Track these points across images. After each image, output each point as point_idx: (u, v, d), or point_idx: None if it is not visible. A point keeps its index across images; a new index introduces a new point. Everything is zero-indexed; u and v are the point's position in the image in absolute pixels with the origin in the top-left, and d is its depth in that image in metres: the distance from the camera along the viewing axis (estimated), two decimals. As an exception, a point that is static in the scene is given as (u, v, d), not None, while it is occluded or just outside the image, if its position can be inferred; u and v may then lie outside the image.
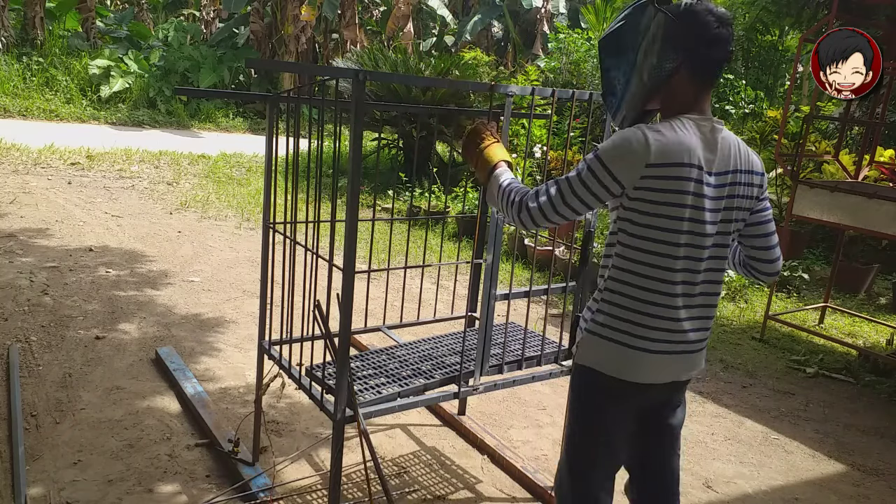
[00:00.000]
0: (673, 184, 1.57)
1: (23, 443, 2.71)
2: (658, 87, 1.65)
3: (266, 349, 2.61)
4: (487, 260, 2.38)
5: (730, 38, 1.64)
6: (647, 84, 1.66)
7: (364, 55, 9.29)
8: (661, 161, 1.56)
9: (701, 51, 1.62)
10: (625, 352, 1.67)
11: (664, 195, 1.58)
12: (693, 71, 1.63)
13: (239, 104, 14.88)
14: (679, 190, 1.57)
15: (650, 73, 1.64)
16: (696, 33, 1.61)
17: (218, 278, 5.11)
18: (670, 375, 1.71)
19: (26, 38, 13.43)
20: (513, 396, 3.61)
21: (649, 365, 1.67)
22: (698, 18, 1.61)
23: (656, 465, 1.87)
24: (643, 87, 1.66)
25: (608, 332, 1.69)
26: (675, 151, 1.57)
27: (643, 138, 1.57)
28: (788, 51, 12.29)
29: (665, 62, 1.62)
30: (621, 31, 1.69)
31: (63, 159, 8.65)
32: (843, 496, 3.07)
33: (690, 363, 1.74)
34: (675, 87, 1.65)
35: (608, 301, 1.70)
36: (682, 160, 1.57)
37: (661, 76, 1.64)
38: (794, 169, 4.88)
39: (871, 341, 5.21)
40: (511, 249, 6.18)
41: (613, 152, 1.60)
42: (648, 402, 1.77)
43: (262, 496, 2.54)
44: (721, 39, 1.62)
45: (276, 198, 2.55)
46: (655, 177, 1.57)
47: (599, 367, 1.71)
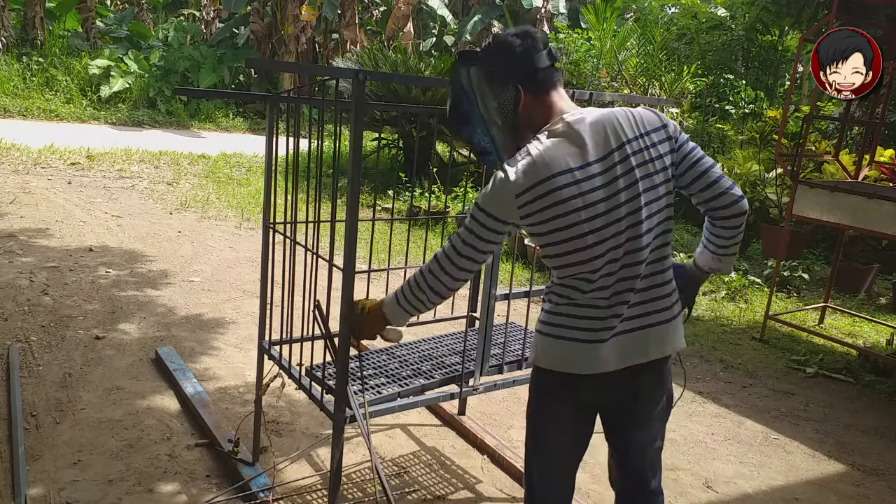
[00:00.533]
0: (546, 199, 1.57)
1: (23, 443, 2.71)
2: (514, 121, 1.69)
3: (266, 349, 2.61)
4: (487, 260, 2.38)
5: (538, 42, 1.67)
6: (503, 126, 1.70)
7: (364, 55, 9.30)
8: (525, 187, 1.58)
9: (522, 70, 1.66)
10: (561, 345, 1.67)
11: (545, 212, 1.59)
12: (532, 90, 1.67)
13: (239, 104, 14.88)
14: (556, 201, 1.57)
15: (500, 116, 1.69)
16: (510, 61, 1.66)
17: (218, 278, 5.11)
18: (608, 364, 1.66)
19: (26, 38, 13.44)
20: (513, 396, 3.61)
21: (578, 354, 1.66)
22: (502, 48, 1.67)
23: (629, 455, 1.86)
24: (504, 131, 1.71)
25: (547, 329, 1.70)
26: (535, 172, 1.58)
27: (504, 176, 1.60)
28: (788, 51, 12.29)
29: (504, 99, 1.67)
30: (456, 105, 1.74)
31: (63, 159, 8.65)
32: (843, 496, 3.07)
33: (642, 345, 1.69)
34: (527, 112, 1.68)
35: (548, 301, 1.73)
36: (542, 176, 1.57)
37: (510, 111, 1.68)
38: (794, 169, 4.88)
39: (871, 341, 5.21)
40: (511, 249, 6.18)
41: (489, 198, 1.63)
42: (603, 392, 1.73)
43: (262, 496, 2.54)
44: (531, 49, 1.66)
45: (276, 198, 2.55)
46: (528, 201, 1.58)
47: (541, 363, 1.73)
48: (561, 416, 1.77)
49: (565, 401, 1.75)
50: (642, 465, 1.85)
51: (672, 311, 1.73)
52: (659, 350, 1.72)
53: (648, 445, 1.83)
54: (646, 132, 1.64)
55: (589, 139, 1.61)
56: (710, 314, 5.51)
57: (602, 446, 1.92)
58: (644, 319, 1.69)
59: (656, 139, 1.65)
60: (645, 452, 1.84)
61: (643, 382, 1.75)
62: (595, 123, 1.63)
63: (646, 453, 1.84)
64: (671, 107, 9.20)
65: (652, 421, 1.81)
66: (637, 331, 1.68)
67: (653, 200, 1.63)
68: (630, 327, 1.68)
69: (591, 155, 1.60)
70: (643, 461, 1.84)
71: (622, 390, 1.73)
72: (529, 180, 1.58)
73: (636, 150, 1.62)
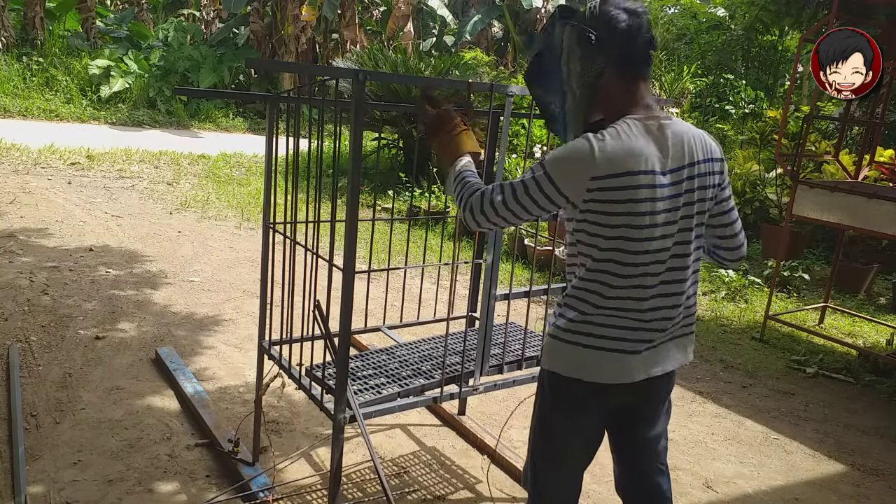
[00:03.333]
0: (623, 194, 1.53)
1: (23, 443, 2.71)
2: (592, 95, 1.63)
3: (266, 349, 2.61)
4: (487, 260, 2.38)
5: (644, 26, 1.60)
6: (580, 96, 1.64)
7: (364, 55, 9.29)
8: (608, 172, 1.52)
9: (619, 47, 1.58)
10: (584, 353, 1.64)
11: (615, 206, 1.54)
12: (619, 69, 1.60)
13: (239, 104, 14.88)
14: (630, 199, 1.53)
15: (579, 85, 1.62)
16: (609, 32, 1.58)
17: (218, 278, 5.11)
18: (637, 374, 1.66)
19: (26, 38, 13.43)
20: (513, 396, 3.61)
21: (609, 365, 1.63)
22: (606, 18, 1.58)
23: (636, 456, 1.85)
24: (578, 101, 1.64)
25: (568, 336, 1.66)
26: (622, 160, 1.52)
27: (588, 150, 1.53)
28: (788, 51, 12.30)
29: (589, 69, 1.60)
30: (540, 60, 1.68)
31: (63, 159, 8.65)
32: (843, 496, 3.07)
33: (662, 359, 1.69)
34: (608, 91, 1.62)
35: (570, 306, 1.67)
36: (630, 168, 1.52)
37: (590, 84, 1.61)
38: (794, 169, 4.88)
39: (871, 341, 5.21)
40: (511, 249, 6.18)
41: (560, 165, 1.57)
42: (617, 402, 1.74)
43: (262, 496, 2.54)
44: (636, 30, 1.58)
45: (276, 198, 2.55)
46: (604, 188, 1.53)
47: (560, 369, 1.69)
48: (579, 422, 1.75)
49: (586, 408, 1.73)
50: (650, 464, 1.85)
51: (692, 327, 1.77)
52: (677, 362, 1.75)
53: (655, 444, 1.84)
54: (711, 158, 1.66)
55: (672, 148, 1.59)
56: (710, 314, 5.51)
57: (602, 447, 1.92)
58: (673, 332, 1.71)
59: (715, 169, 1.67)
60: (652, 451, 1.84)
61: (657, 388, 1.77)
62: (678, 132, 1.61)
63: (653, 452, 1.84)
64: (671, 107, 9.20)
65: (657, 420, 1.82)
66: (666, 343, 1.70)
67: (700, 224, 1.67)
68: (662, 339, 1.69)
69: (669, 164, 1.58)
70: (650, 460, 1.85)
71: (639, 396, 1.75)
72: (613, 168, 1.52)
73: (701, 174, 1.63)
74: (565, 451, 1.79)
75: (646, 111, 1.61)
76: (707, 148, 1.66)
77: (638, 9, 1.60)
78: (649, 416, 1.81)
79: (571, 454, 1.80)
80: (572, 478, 1.84)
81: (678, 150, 1.60)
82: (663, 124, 1.60)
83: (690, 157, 1.61)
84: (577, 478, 1.85)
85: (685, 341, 1.76)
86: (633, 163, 1.53)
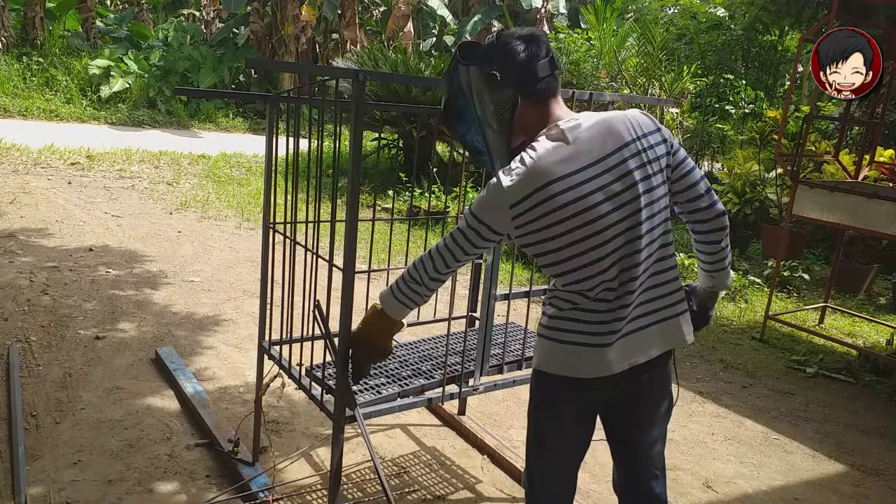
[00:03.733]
0: (542, 207, 1.56)
1: (23, 443, 2.71)
2: (509, 125, 1.67)
3: (266, 349, 2.61)
4: (487, 260, 2.38)
5: (542, 49, 1.63)
6: (498, 130, 1.67)
7: (364, 55, 9.29)
8: (519, 197, 1.57)
9: (524, 78, 1.62)
10: (566, 349, 1.66)
11: (541, 220, 1.58)
12: (530, 96, 1.64)
13: (239, 104, 14.88)
14: (552, 209, 1.56)
15: (496, 120, 1.66)
16: (510, 66, 1.61)
17: (218, 278, 5.11)
18: (614, 366, 1.66)
19: (26, 38, 13.44)
20: (513, 396, 3.61)
21: (585, 358, 1.65)
22: (505, 51, 1.62)
23: (631, 457, 1.85)
24: (498, 133, 1.68)
25: (550, 333, 1.69)
26: (529, 180, 1.56)
27: (498, 186, 1.59)
28: (788, 51, 12.30)
29: (502, 104, 1.64)
30: (453, 100, 1.71)
31: (63, 159, 8.65)
32: (843, 496, 3.07)
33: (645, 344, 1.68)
34: (524, 118, 1.66)
35: (550, 304, 1.71)
36: (538, 185, 1.56)
37: (505, 116, 1.65)
38: (794, 169, 4.88)
39: (871, 341, 5.21)
40: (511, 249, 6.18)
41: (481, 205, 1.64)
42: (605, 393, 1.73)
43: (262, 496, 2.54)
44: (534, 56, 1.62)
45: (276, 198, 2.55)
46: (522, 212, 1.58)
47: (545, 367, 1.72)
48: (564, 419, 1.77)
49: (568, 404, 1.74)
50: (645, 468, 1.84)
51: (675, 309, 1.72)
52: (659, 347, 1.72)
53: (649, 447, 1.82)
54: (643, 134, 1.64)
55: (584, 144, 1.60)
56: (710, 314, 5.50)
57: (602, 447, 1.92)
58: (647, 318, 1.68)
59: (653, 141, 1.64)
60: (646, 454, 1.83)
61: (644, 381, 1.74)
62: (591, 128, 1.62)
63: (647, 455, 1.83)
64: (671, 107, 9.20)
65: (653, 421, 1.81)
66: (640, 331, 1.68)
67: (653, 201, 1.63)
68: (634, 328, 1.67)
69: (588, 159, 1.59)
70: (645, 463, 1.84)
71: (624, 390, 1.73)
72: (524, 190, 1.57)
73: (634, 153, 1.61)
74: (554, 449, 1.81)
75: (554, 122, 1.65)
76: (633, 126, 1.63)
77: (535, 34, 1.64)
78: (644, 418, 1.80)
79: (561, 452, 1.81)
80: (565, 475, 1.84)
81: (595, 143, 1.60)
82: (564, 129, 1.62)
83: (614, 144, 1.60)
84: (570, 475, 1.85)
85: (674, 323, 1.72)
86: (538, 179, 1.56)
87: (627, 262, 1.62)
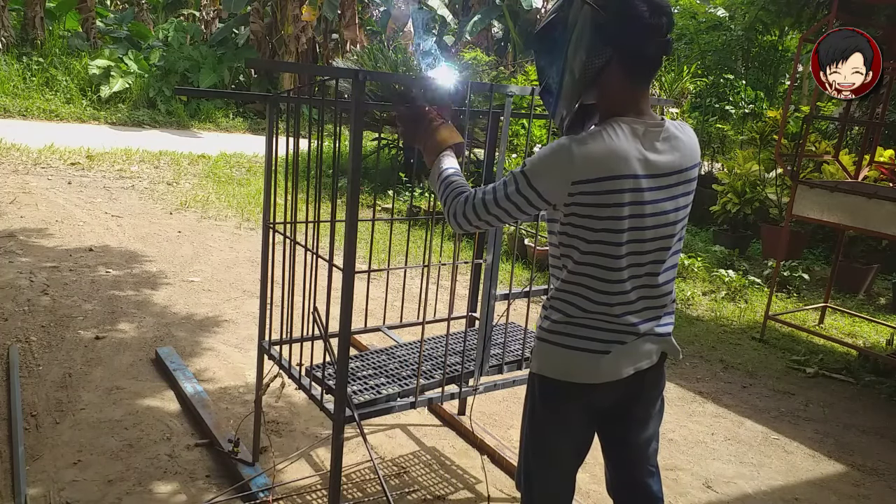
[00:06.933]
0: (604, 198, 1.49)
1: (23, 443, 2.71)
2: (590, 84, 1.54)
3: (266, 349, 2.61)
4: (487, 260, 2.38)
5: (665, 28, 1.50)
6: (578, 82, 1.54)
7: (364, 55, 9.29)
8: (588, 177, 1.47)
9: (632, 44, 1.50)
10: (570, 354, 1.63)
11: (596, 209, 1.51)
12: (625, 67, 1.51)
13: (239, 104, 14.87)
14: (612, 203, 1.49)
15: (581, 70, 1.53)
16: (625, 25, 1.48)
17: (218, 278, 5.11)
18: (624, 370, 1.65)
19: (26, 38, 13.43)
20: (513, 396, 3.61)
21: (596, 364, 1.63)
22: (628, 8, 1.47)
23: (626, 456, 1.85)
24: (575, 85, 1.55)
25: (558, 339, 1.65)
26: (604, 163, 1.47)
27: (568, 153, 1.48)
28: (788, 51, 12.29)
29: (594, 58, 1.50)
30: (552, 27, 1.59)
31: (63, 159, 8.64)
32: (843, 496, 3.07)
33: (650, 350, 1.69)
34: (608, 85, 1.54)
35: (554, 308, 1.66)
36: (612, 173, 1.47)
37: (591, 73, 1.52)
38: (794, 169, 4.88)
39: (871, 341, 5.21)
40: (511, 249, 6.18)
41: (539, 169, 1.52)
42: (606, 402, 1.73)
43: (262, 496, 2.54)
44: (654, 30, 1.49)
45: (276, 198, 2.55)
46: (584, 192, 1.49)
47: (547, 372, 1.68)
48: (569, 424, 1.75)
49: (574, 409, 1.72)
50: (641, 466, 1.84)
51: (673, 316, 1.75)
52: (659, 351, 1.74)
53: (646, 445, 1.83)
54: (695, 164, 1.64)
55: (661, 154, 1.55)
56: (710, 314, 5.51)
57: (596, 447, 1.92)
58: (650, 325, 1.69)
59: (694, 175, 1.65)
60: (643, 452, 1.83)
61: (646, 383, 1.75)
62: (669, 138, 1.57)
63: (644, 453, 1.83)
64: (671, 107, 9.19)
65: (649, 419, 1.81)
66: (646, 336, 1.68)
67: (683, 227, 1.66)
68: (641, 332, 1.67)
69: (656, 169, 1.54)
70: (642, 461, 1.84)
71: (627, 393, 1.73)
72: (595, 171, 1.47)
73: (686, 180, 1.61)
74: (556, 454, 1.78)
75: (637, 115, 1.56)
76: (693, 153, 1.64)
77: (665, 6, 1.50)
78: (640, 417, 1.80)
79: (562, 456, 1.79)
80: (564, 480, 1.83)
81: (668, 156, 1.56)
82: (651, 132, 1.54)
83: (680, 164, 1.58)
84: (569, 479, 1.84)
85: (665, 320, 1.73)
86: (614, 167, 1.48)
87: (649, 280, 1.63)
